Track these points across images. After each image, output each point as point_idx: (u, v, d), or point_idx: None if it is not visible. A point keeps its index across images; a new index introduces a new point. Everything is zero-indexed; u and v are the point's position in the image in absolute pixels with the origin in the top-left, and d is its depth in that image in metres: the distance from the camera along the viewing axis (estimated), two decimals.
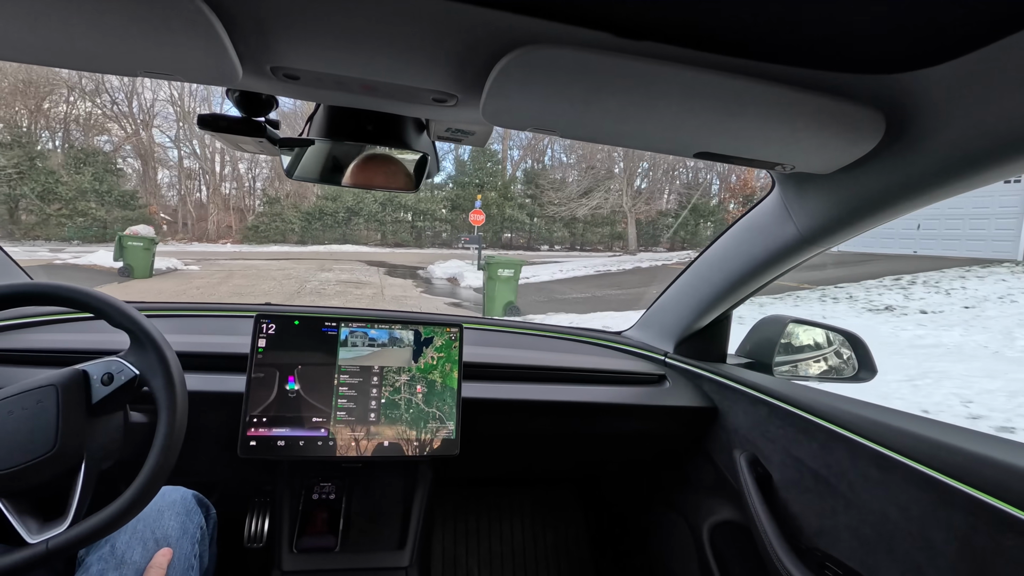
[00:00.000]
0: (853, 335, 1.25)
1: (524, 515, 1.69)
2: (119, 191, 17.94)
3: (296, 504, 1.09)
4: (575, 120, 0.59)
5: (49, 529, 0.63)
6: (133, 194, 18.64)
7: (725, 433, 1.16)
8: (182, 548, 0.83)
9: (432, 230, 23.49)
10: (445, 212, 23.08)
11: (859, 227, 0.79)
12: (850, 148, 0.63)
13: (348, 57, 0.53)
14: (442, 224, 23.42)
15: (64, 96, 18.09)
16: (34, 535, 0.63)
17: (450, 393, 1.04)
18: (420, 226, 23.18)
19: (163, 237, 19.28)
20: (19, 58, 0.55)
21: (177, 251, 15.63)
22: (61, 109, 18.32)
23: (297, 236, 20.77)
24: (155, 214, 19.68)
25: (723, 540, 1.15)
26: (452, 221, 23.01)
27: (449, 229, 23.17)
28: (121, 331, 0.74)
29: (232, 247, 19.11)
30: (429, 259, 14.82)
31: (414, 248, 21.74)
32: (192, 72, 0.55)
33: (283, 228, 20.79)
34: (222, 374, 1.02)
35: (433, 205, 22.73)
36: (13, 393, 0.68)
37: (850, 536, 0.82)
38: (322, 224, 21.14)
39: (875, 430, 0.80)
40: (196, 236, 20.67)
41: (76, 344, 1.02)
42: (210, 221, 21.28)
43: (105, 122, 19.31)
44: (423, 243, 22.62)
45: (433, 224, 23.35)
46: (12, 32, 0.48)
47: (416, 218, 22.98)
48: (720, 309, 1.18)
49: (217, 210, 21.51)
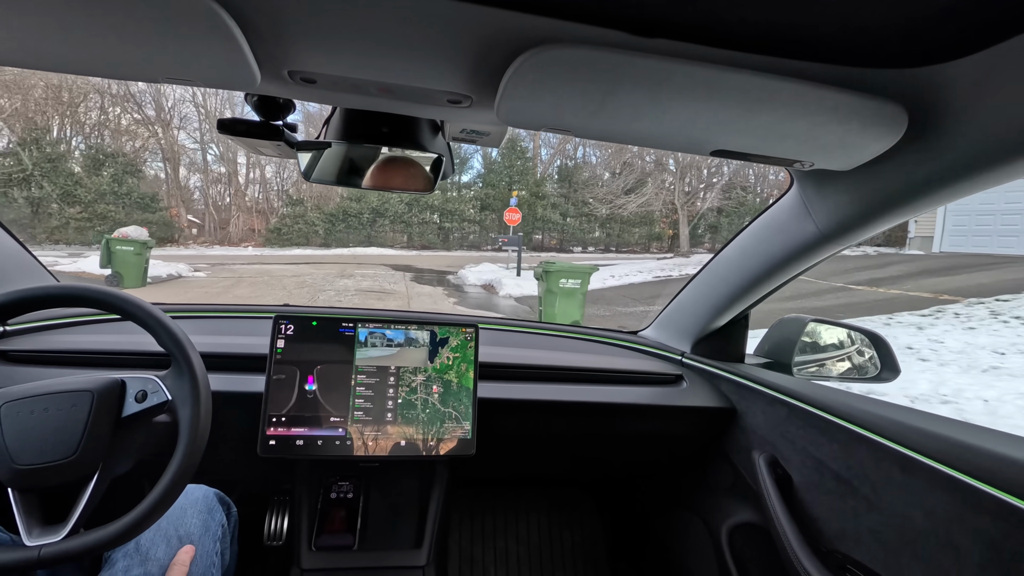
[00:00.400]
0: (875, 334, 1.22)
1: (540, 515, 1.68)
2: (138, 193, 17.62)
3: (315, 503, 1.10)
4: (590, 119, 0.59)
5: (46, 535, 0.64)
6: (153, 196, 18.29)
7: (743, 434, 1.15)
8: (204, 546, 0.84)
9: (460, 231, 22.60)
10: (473, 212, 22.17)
11: (880, 224, 0.78)
12: (871, 144, 0.61)
13: (364, 60, 0.54)
14: (470, 225, 22.53)
15: (96, 102, 18.17)
16: (31, 537, 0.63)
17: (466, 393, 1.05)
18: (448, 227, 22.25)
19: (184, 241, 19.07)
20: (48, 67, 0.56)
21: (195, 255, 15.39)
22: (92, 114, 18.30)
23: (321, 239, 20.17)
24: (176, 217, 19.29)
25: (742, 542, 1.14)
26: (481, 222, 22.20)
27: (478, 230, 22.34)
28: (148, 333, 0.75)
29: (254, 251, 18.67)
30: (458, 263, 14.07)
31: (442, 251, 20.88)
32: (211, 78, 0.56)
33: (306, 231, 20.16)
34: (242, 374, 1.04)
35: (461, 205, 21.84)
36: (52, 391, 0.70)
37: (872, 539, 0.80)
38: (346, 226, 20.49)
39: (898, 431, 0.78)
40: (219, 239, 20.32)
41: (108, 345, 1.04)
42: (232, 224, 20.89)
43: (129, 124, 19.22)
44: (451, 245, 21.78)
45: (461, 225, 22.43)
46: (42, 44, 0.50)
47: (443, 219, 22.07)
48: (738, 308, 1.17)
49: (239, 212, 21.15)
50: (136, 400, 0.72)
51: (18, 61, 0.55)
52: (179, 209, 19.92)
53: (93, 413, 0.69)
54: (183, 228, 19.67)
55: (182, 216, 19.99)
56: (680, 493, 1.39)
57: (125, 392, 0.73)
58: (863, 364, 1.25)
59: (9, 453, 0.65)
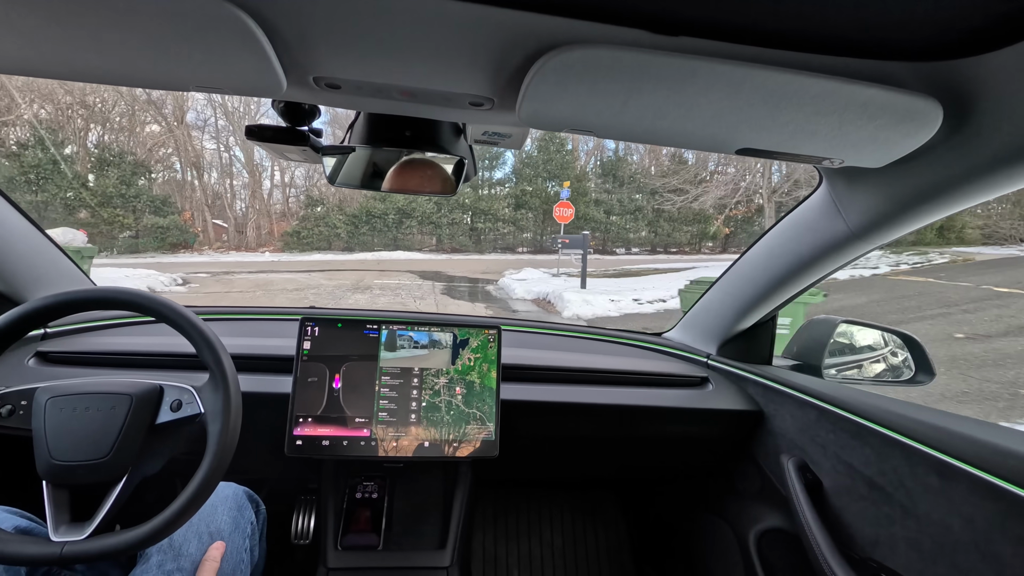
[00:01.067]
0: (909, 336, 1.20)
1: (564, 518, 1.68)
2: (148, 196, 16.80)
3: (340, 502, 1.12)
4: (613, 120, 0.58)
5: (71, 532, 0.66)
6: (165, 199, 17.33)
7: (771, 437, 1.13)
8: (234, 542, 0.86)
9: (494, 232, 20.99)
10: (508, 211, 20.54)
11: (915, 222, 0.76)
12: (904, 140, 0.60)
13: (387, 65, 0.54)
14: (504, 225, 20.84)
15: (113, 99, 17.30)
16: (57, 533, 0.65)
17: (489, 393, 1.05)
18: (480, 228, 20.57)
19: (200, 246, 18.08)
20: (84, 79, 0.58)
21: (206, 262, 14.55)
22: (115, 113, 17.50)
23: (343, 242, 18.91)
24: (189, 221, 18.36)
25: (770, 548, 1.12)
26: (516, 221, 20.59)
27: (513, 231, 20.77)
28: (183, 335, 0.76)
29: (270, 256, 17.65)
30: (495, 267, 12.84)
31: (474, 253, 19.40)
32: (239, 85, 0.58)
33: (327, 234, 18.90)
34: (270, 375, 1.06)
35: (494, 204, 20.31)
36: (94, 391, 0.72)
37: (908, 547, 0.78)
38: (370, 228, 19.17)
39: (935, 436, 0.76)
40: (235, 245, 19.45)
41: (144, 347, 1.08)
42: (249, 227, 19.98)
43: (145, 118, 18.26)
44: (483, 247, 20.32)
45: (495, 225, 20.84)
46: (78, 56, 0.51)
47: (475, 219, 20.50)
48: (765, 310, 1.15)
49: (257, 215, 20.20)
50: (171, 409, 0.74)
51: (55, 73, 0.57)
52: (194, 213, 18.93)
53: (130, 417, 0.71)
54: (197, 232, 18.70)
55: (207, 221, 19.09)
56: (706, 497, 1.37)
57: (162, 399, 0.75)
58: (896, 366, 1.23)
59: (48, 447, 0.68)
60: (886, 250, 14.80)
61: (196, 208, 19.52)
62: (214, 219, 19.90)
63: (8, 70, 0.56)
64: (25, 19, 0.45)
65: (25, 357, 1.02)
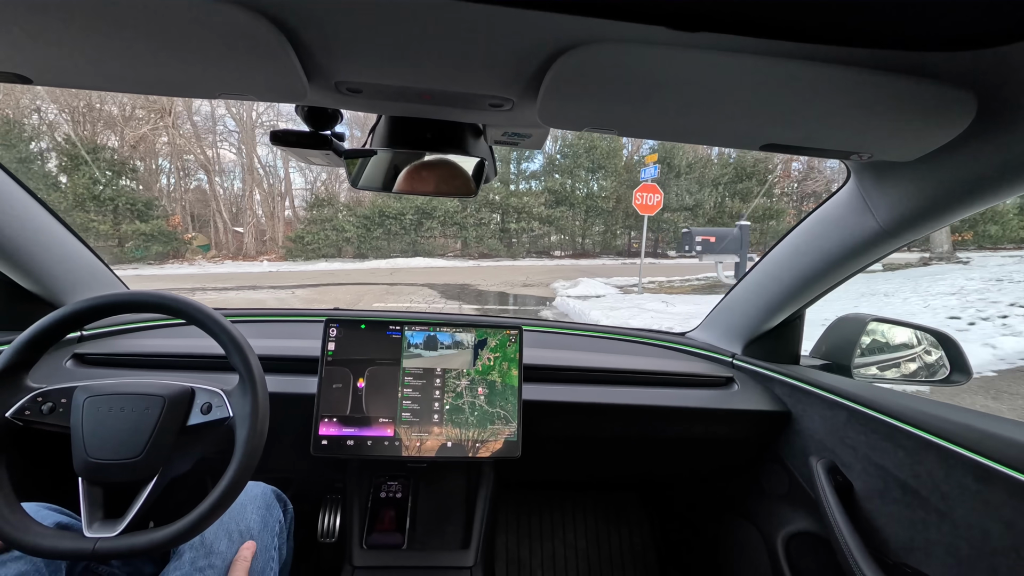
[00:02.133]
0: (944, 334, 1.17)
1: (588, 519, 1.67)
2: (127, 198, 14.60)
3: (365, 502, 1.13)
4: (633, 118, 0.58)
5: (104, 529, 0.68)
6: (148, 202, 15.26)
7: (799, 439, 1.11)
8: (263, 541, 0.87)
9: (528, 234, 18.12)
10: (544, 209, 17.74)
11: (948, 216, 0.74)
12: (936, 132, 0.58)
13: (407, 68, 0.55)
14: (541, 225, 18.03)
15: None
16: (91, 529, 0.68)
17: (511, 391, 1.05)
18: (512, 229, 17.70)
19: (192, 256, 16.00)
20: (117, 89, 0.60)
21: (196, 274, 12.59)
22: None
23: (354, 248, 16.75)
24: (177, 227, 16.52)
25: (799, 551, 1.10)
26: (555, 221, 17.81)
27: (552, 231, 17.99)
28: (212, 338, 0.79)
29: (269, 266, 15.55)
30: (536, 276, 10.66)
31: (506, 259, 16.72)
32: (263, 92, 0.59)
33: (335, 239, 16.57)
34: (295, 375, 1.08)
35: (529, 199, 17.48)
36: (128, 392, 0.75)
37: (945, 553, 0.76)
38: (384, 231, 16.84)
39: (973, 437, 0.74)
40: (231, 253, 17.26)
41: (175, 348, 1.11)
42: (246, 233, 17.67)
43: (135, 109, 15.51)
44: (516, 251, 17.65)
45: (530, 225, 18.08)
46: (112, 67, 0.53)
47: (507, 218, 17.83)
48: (791, 308, 1.13)
49: (255, 219, 17.95)
50: (201, 411, 0.77)
51: (90, 84, 0.59)
52: (180, 216, 16.43)
53: (162, 418, 0.73)
54: (187, 240, 16.69)
55: (220, 226, 16.75)
56: (732, 498, 1.36)
57: (193, 401, 0.77)
58: (930, 365, 1.20)
59: (85, 444, 0.71)
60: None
61: (202, 215, 16.72)
62: (234, 226, 17.89)
63: (47, 82, 0.58)
64: (63, 33, 0.47)
65: (63, 359, 1.06)
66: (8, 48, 0.49)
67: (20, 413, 0.72)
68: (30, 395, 0.74)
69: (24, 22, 0.45)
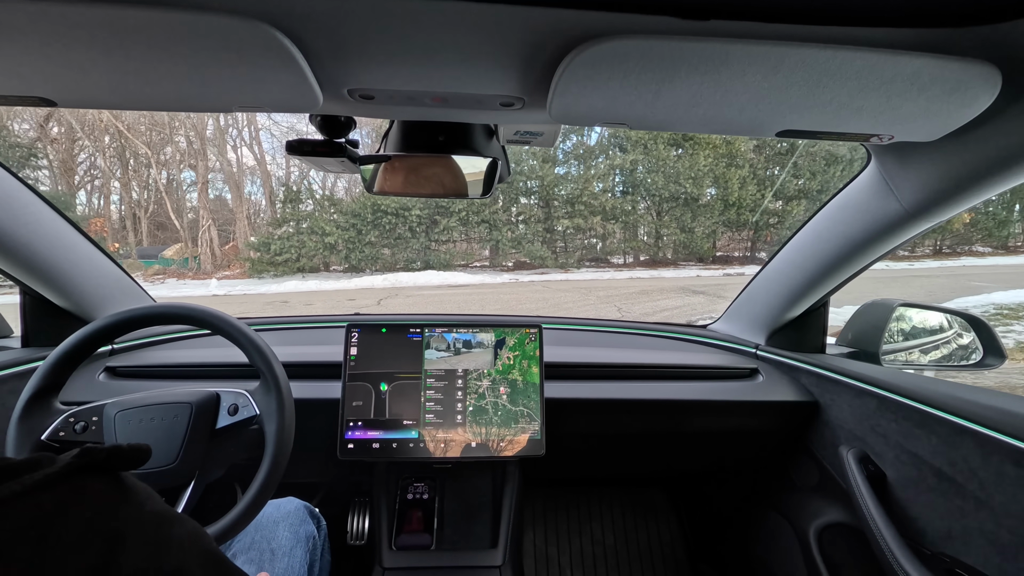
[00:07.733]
0: (975, 318, 1.14)
1: (615, 516, 1.66)
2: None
3: (392, 503, 1.14)
4: (646, 110, 0.58)
5: None
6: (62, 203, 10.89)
7: (828, 429, 1.09)
8: (294, 556, 0.89)
9: (586, 234, 13.65)
10: (608, 199, 12.83)
11: (973, 196, 0.72)
12: (960, 110, 0.56)
13: (418, 72, 0.55)
14: (604, 222, 13.21)
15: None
16: None
17: (533, 389, 1.05)
18: (564, 228, 12.95)
19: (187, 272, 12.49)
20: (136, 107, 0.61)
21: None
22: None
23: (342, 258, 12.05)
24: (102, 232, 12.93)
25: (832, 543, 1.08)
26: (626, 215, 12.91)
27: (617, 232, 13.36)
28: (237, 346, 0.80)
29: (217, 287, 11.05)
30: (607, 293, 7.29)
31: (555, 270, 11.78)
32: (278, 102, 0.60)
33: (315, 246, 11.61)
34: (320, 381, 1.09)
35: (584, 187, 12.45)
36: (157, 402, 0.77)
37: (985, 541, 0.74)
38: (380, 234, 11.70)
39: (1011, 422, 0.71)
40: (178, 271, 12.45)
41: (202, 359, 1.13)
42: (202, 240, 12.50)
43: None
44: (567, 259, 12.69)
45: (587, 222, 13.20)
46: (131, 87, 0.55)
47: (555, 213, 13.10)
48: (815, 296, 1.11)
49: (202, 223, 12.87)
50: (229, 413, 0.79)
51: (109, 103, 0.60)
52: (104, 220, 12.87)
53: (192, 424, 0.75)
54: (115, 249, 12.74)
55: (212, 239, 12.64)
56: (762, 491, 1.34)
57: (219, 405, 0.79)
58: (962, 350, 1.17)
59: None
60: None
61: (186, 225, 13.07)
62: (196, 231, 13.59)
63: (70, 104, 0.60)
64: (85, 57, 0.48)
65: (96, 372, 1.09)
66: (34, 74, 0.51)
67: (55, 435, 0.75)
68: (62, 416, 0.76)
69: (48, 48, 0.47)
